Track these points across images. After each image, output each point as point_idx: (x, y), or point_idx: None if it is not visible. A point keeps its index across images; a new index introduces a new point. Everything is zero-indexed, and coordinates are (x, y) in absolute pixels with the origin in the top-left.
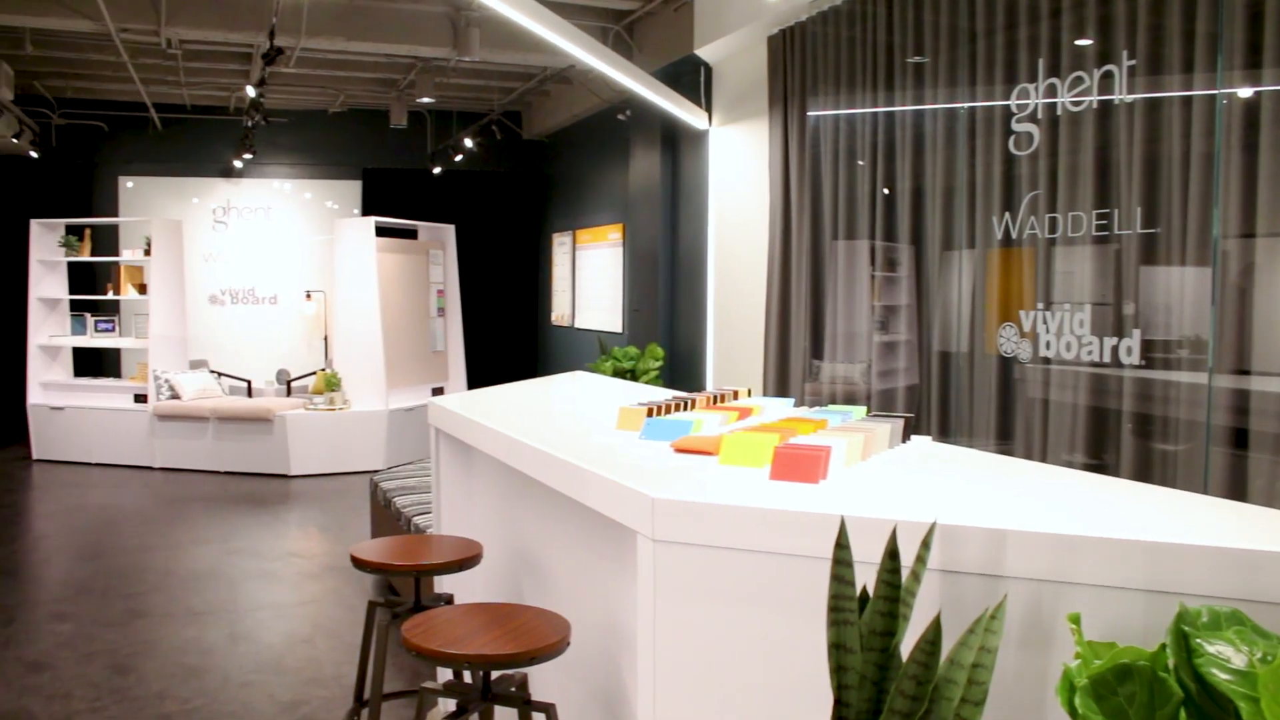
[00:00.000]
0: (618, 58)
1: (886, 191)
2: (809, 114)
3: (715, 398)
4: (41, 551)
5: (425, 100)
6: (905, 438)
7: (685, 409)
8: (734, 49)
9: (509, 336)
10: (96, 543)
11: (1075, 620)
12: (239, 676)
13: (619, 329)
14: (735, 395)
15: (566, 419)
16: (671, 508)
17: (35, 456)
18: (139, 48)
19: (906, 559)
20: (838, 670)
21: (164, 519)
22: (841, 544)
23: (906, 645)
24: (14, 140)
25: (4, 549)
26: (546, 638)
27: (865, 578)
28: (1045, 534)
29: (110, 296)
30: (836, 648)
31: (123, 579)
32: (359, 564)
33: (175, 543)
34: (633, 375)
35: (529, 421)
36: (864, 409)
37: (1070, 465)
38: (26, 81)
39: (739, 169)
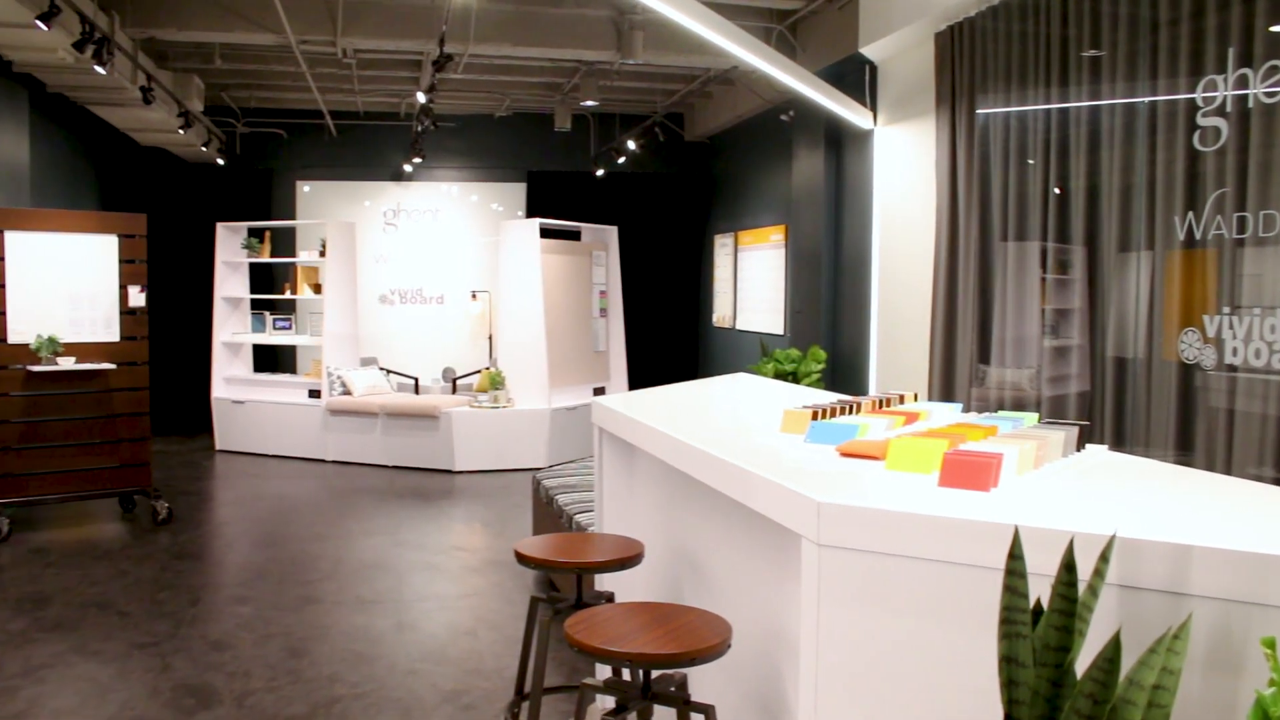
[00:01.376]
0: (781, 58)
1: (1059, 191)
2: (978, 112)
3: (881, 402)
4: (224, 537)
5: (589, 103)
6: (1080, 446)
7: (850, 413)
8: (900, 47)
9: (670, 338)
10: (273, 531)
11: (1270, 645)
12: (405, 664)
13: (780, 331)
14: (901, 399)
15: (729, 420)
16: (837, 512)
17: (218, 447)
18: (317, 58)
19: (1083, 572)
20: (1009, 685)
21: (335, 510)
22: (1015, 554)
23: (1082, 662)
24: (203, 149)
25: (190, 534)
26: (707, 639)
27: (1038, 590)
28: (1236, 551)
29: (288, 296)
30: (1008, 661)
31: (297, 566)
32: (522, 560)
33: (346, 533)
34: (794, 378)
35: (692, 422)
36: (1035, 416)
37: (1259, 480)
38: (215, 93)
39: (904, 169)
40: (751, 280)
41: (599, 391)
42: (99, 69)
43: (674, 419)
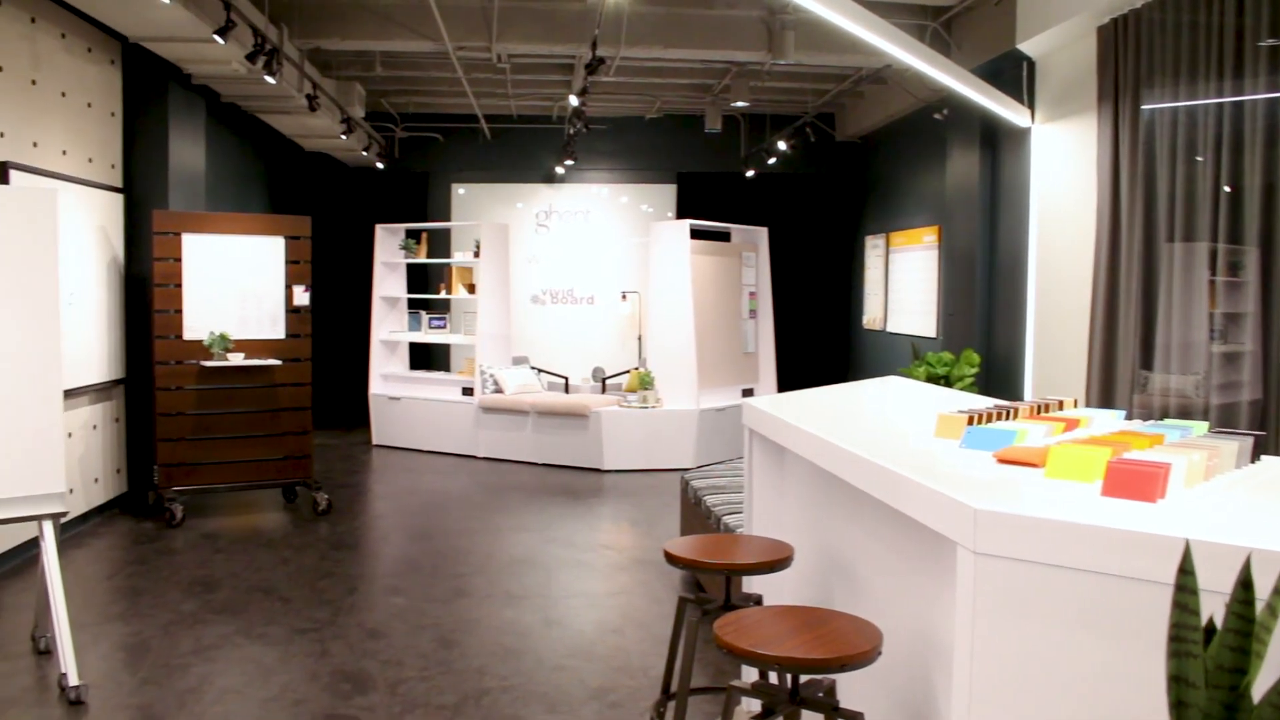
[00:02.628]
0: (936, 55)
1: (1229, 189)
2: (1143, 107)
3: (1039, 407)
4: (379, 529)
5: (739, 104)
6: (1255, 457)
7: (1007, 418)
8: (1060, 41)
9: (819, 340)
10: (426, 524)
11: None
12: (552, 660)
13: (932, 334)
14: (1060, 405)
15: (881, 424)
16: (995, 520)
17: (375, 442)
18: (472, 63)
19: (1260, 591)
20: (1177, 705)
21: (486, 506)
22: (1186, 569)
23: (1259, 686)
24: (364, 153)
25: (348, 525)
26: (858, 645)
27: (1210, 608)
28: None
29: (442, 296)
30: (1177, 681)
31: (449, 559)
32: (671, 559)
33: (496, 528)
34: (946, 381)
35: (843, 425)
36: (1204, 425)
37: None
38: (375, 100)
39: (1063, 167)
40: (903, 282)
41: (748, 393)
42: (269, 79)
43: (825, 421)
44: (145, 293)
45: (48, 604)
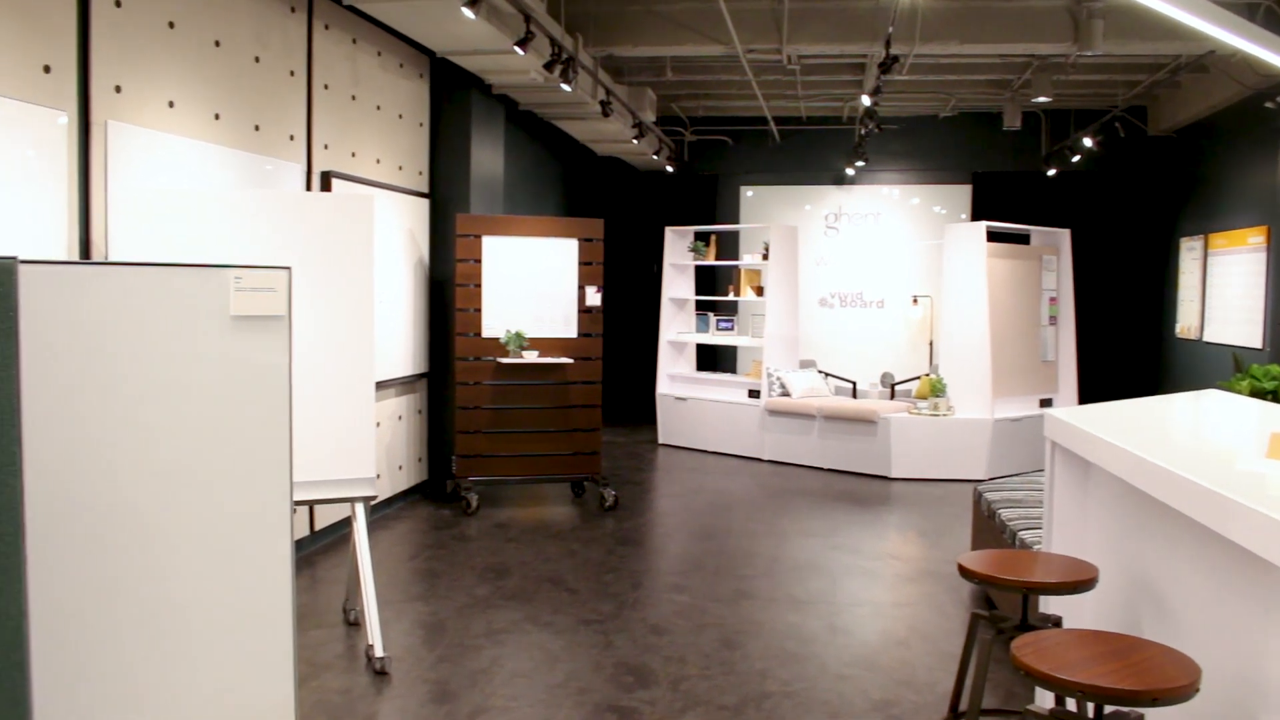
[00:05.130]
0: (1270, 36)
1: None
2: None
3: None
4: (664, 527)
5: (1041, 99)
6: None
7: None
8: None
9: (1126, 349)
10: (710, 524)
11: None
12: (835, 668)
13: (1258, 344)
14: None
15: (1201, 441)
16: None
17: (660, 441)
18: (762, 66)
19: None
20: None
21: (771, 508)
22: None
23: None
24: (654, 156)
25: (634, 521)
26: (1173, 679)
27: None
28: None
29: (730, 298)
30: None
31: (733, 561)
32: (966, 574)
33: (780, 532)
34: (1274, 397)
35: (1157, 441)
36: None
37: None
38: (665, 104)
39: None
40: (1223, 287)
41: (1045, 403)
42: (565, 87)
43: (1136, 436)
44: (447, 292)
45: (358, 580)
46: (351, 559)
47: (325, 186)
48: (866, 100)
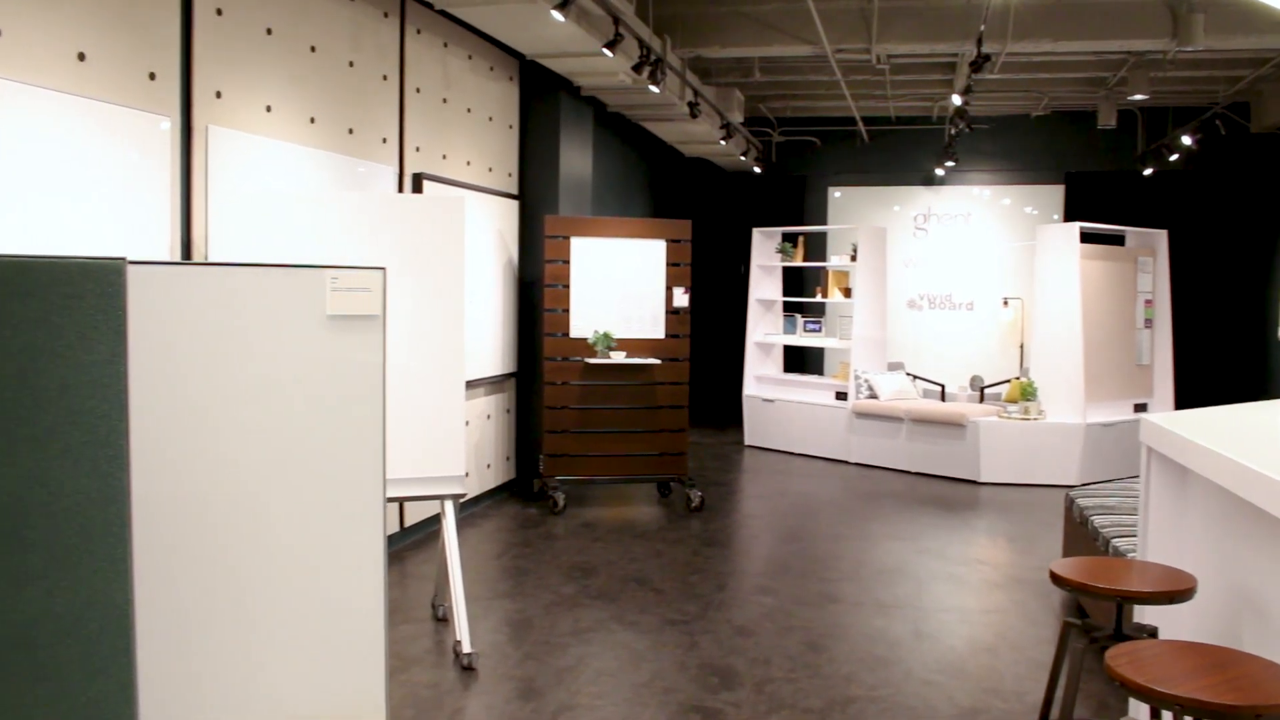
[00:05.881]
0: None
1: None
2: None
3: None
4: (750, 529)
5: (1137, 97)
6: None
7: None
8: None
9: (1227, 353)
10: (796, 527)
11: None
12: (921, 674)
13: None
14: None
15: None
16: None
17: (747, 442)
18: (850, 66)
19: None
20: None
21: (857, 512)
22: None
23: None
24: (741, 158)
25: (719, 523)
26: (1275, 694)
27: None
28: None
29: (818, 299)
30: None
31: (818, 563)
32: (1058, 581)
33: (866, 535)
34: None
35: (1264, 449)
36: None
37: None
38: (753, 105)
39: None
40: None
41: (1140, 408)
42: (653, 88)
43: (1237, 442)
44: (536, 292)
45: (446, 577)
46: (440, 555)
47: (417, 188)
48: (957, 100)
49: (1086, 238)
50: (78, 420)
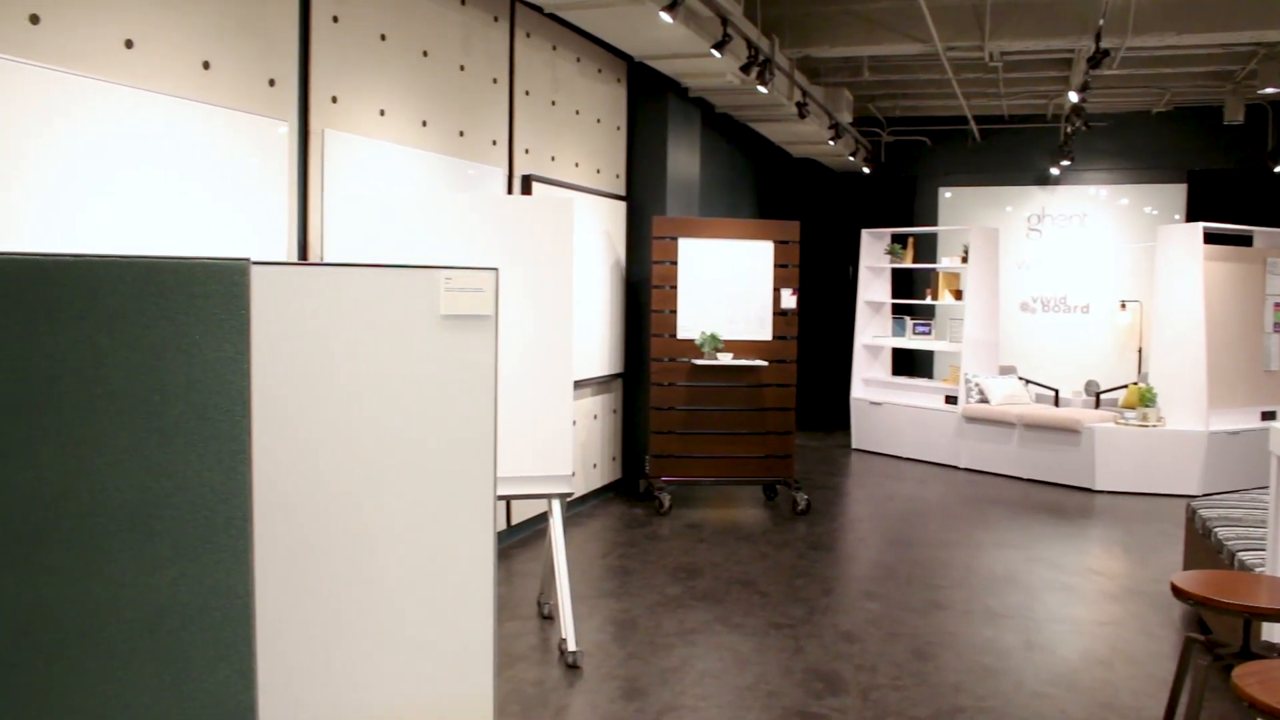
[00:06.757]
0: None
1: None
2: None
3: None
4: (856, 533)
5: (1268, 90)
6: None
7: None
8: None
9: None
10: (903, 532)
11: None
12: (1032, 685)
13: None
14: None
15: None
16: None
17: (854, 446)
18: (962, 63)
19: None
20: None
21: (966, 518)
22: None
23: None
24: (850, 158)
25: (826, 526)
26: None
27: None
28: None
29: (928, 301)
30: None
31: (926, 570)
32: (1180, 594)
33: (976, 542)
34: None
35: None
36: None
37: None
38: (862, 104)
39: None
40: None
41: (1268, 416)
42: (761, 89)
43: None
44: (643, 293)
45: (552, 575)
46: (546, 554)
47: (526, 190)
48: (1074, 97)
49: (1211, 238)
50: (203, 415)
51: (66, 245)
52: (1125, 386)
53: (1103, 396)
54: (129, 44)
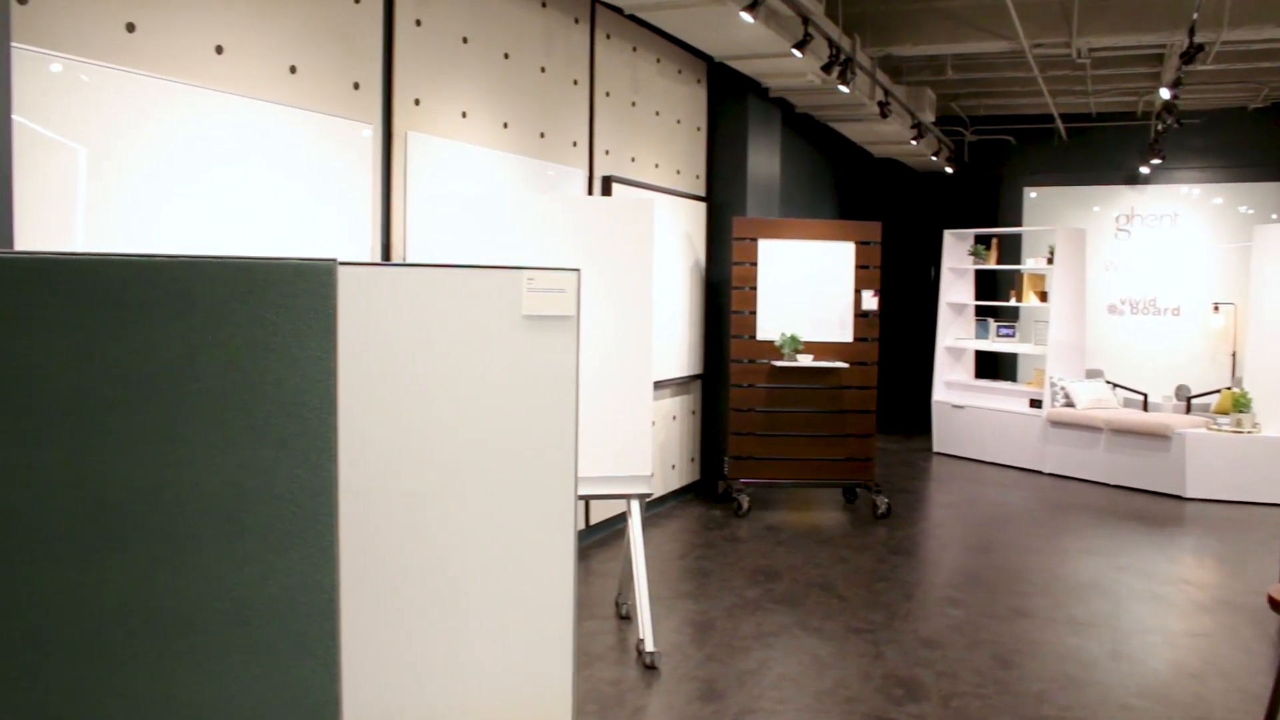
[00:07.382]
0: None
1: None
2: None
3: None
4: (938, 538)
5: None
6: None
7: None
8: None
9: None
10: (986, 537)
11: None
12: (1119, 697)
13: None
14: None
15: None
16: None
17: (935, 449)
18: (1049, 61)
19: None
20: None
21: (1051, 524)
22: None
23: None
24: (933, 158)
25: (906, 531)
26: None
27: None
28: None
29: (1012, 303)
30: None
31: (1009, 576)
32: (1277, 607)
33: (1061, 549)
34: None
35: None
36: None
37: None
38: (945, 103)
39: None
40: None
41: None
42: (842, 88)
43: None
44: (723, 294)
45: (631, 575)
46: (625, 554)
47: (606, 191)
48: (1165, 93)
49: None
50: (291, 413)
51: (159, 245)
52: (1218, 391)
53: (1194, 402)
54: (219, 50)
